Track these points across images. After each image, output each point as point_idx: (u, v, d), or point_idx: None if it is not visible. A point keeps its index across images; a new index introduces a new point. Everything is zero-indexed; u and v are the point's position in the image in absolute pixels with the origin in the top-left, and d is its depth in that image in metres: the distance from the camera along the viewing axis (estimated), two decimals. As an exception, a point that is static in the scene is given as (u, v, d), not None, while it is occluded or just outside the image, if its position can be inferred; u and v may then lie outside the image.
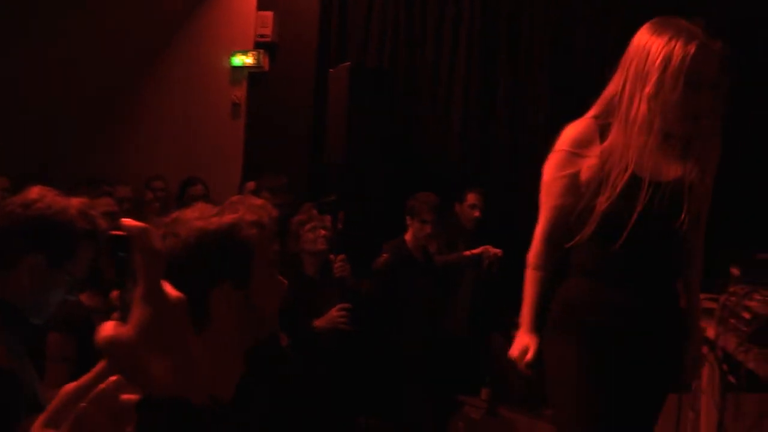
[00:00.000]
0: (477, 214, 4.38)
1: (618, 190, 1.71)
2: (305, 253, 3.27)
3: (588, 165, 1.77)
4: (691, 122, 1.72)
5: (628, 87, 1.73)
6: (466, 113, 5.13)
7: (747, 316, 2.42)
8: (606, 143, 1.76)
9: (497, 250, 3.99)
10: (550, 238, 1.85)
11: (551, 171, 1.83)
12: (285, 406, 2.53)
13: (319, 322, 3.11)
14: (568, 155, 1.79)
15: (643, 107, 1.69)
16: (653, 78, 1.67)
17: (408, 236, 3.87)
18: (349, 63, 4.73)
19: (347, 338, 3.21)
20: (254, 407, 1.25)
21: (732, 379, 2.83)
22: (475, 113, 5.13)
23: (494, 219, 4.53)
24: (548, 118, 4.82)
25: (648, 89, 1.68)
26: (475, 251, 4.06)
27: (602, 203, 1.73)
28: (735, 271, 2.63)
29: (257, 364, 1.23)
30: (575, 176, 1.78)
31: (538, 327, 1.89)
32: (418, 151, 5.07)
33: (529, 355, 1.85)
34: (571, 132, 1.81)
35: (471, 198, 4.40)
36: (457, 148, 5.10)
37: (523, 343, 1.88)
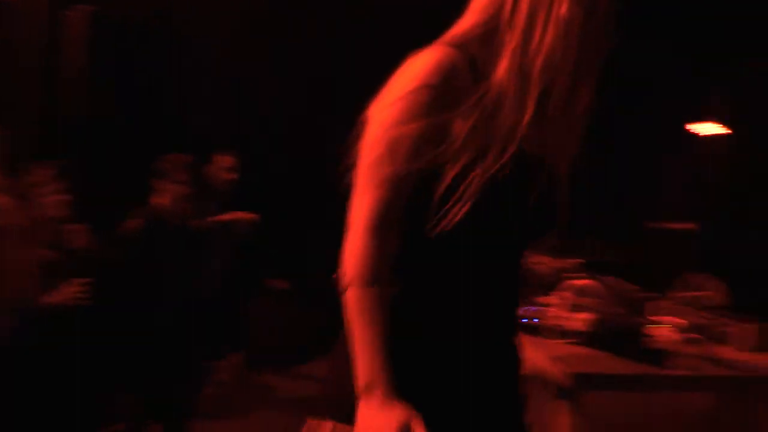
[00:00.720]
0: (230, 176, 4.30)
1: (507, 155, 1.12)
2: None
3: (463, 110, 1.12)
4: (596, 70, 1.20)
5: (525, 7, 1.14)
6: (221, 70, 4.98)
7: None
8: (492, 81, 1.14)
9: (251, 215, 3.96)
10: (389, 228, 1.13)
11: (401, 118, 1.11)
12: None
13: (51, 298, 2.86)
14: (437, 93, 1.11)
15: (551, 35, 1.13)
16: None
17: (160, 200, 3.68)
18: (91, 7, 4.31)
19: (89, 312, 2.99)
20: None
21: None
22: (230, 70, 5.00)
23: (252, 180, 4.49)
24: (313, 76, 4.86)
25: (563, 10, 1.13)
26: (227, 217, 3.99)
27: (486, 169, 1.11)
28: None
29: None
30: (445, 126, 1.11)
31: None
32: (167, 109, 4.82)
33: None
34: (429, 61, 1.13)
35: (222, 160, 4.30)
36: (210, 107, 4.95)
37: (396, 419, 1.06)
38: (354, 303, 1.12)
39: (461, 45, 1.16)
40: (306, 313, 4.79)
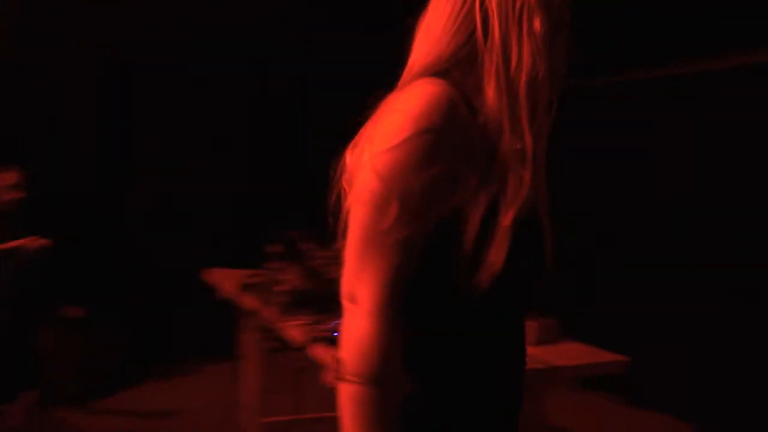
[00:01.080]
0: (15, 195, 3.93)
1: (526, 185, 1.00)
2: None
3: (469, 146, 0.99)
4: (562, 83, 1.11)
5: (496, 25, 1.04)
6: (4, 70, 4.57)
7: (284, 288, 2.75)
8: (484, 108, 1.02)
9: (40, 240, 3.66)
10: (400, 304, 0.97)
11: (405, 169, 0.95)
12: None
13: None
14: (443, 134, 0.97)
15: (528, 50, 1.03)
16: (540, 8, 1.04)
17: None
18: None
19: None
20: None
21: (273, 343, 3.21)
22: (13, 71, 4.59)
23: (42, 199, 4.13)
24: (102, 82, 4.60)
25: (536, 24, 1.03)
26: (13, 243, 3.66)
27: (509, 211, 0.98)
28: (273, 248, 2.94)
29: None
30: (457, 168, 0.98)
31: None
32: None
33: None
34: (424, 98, 0.99)
35: (5, 177, 3.92)
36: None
37: None
38: (354, 404, 0.94)
39: (445, 75, 1.04)
40: (104, 341, 4.49)
